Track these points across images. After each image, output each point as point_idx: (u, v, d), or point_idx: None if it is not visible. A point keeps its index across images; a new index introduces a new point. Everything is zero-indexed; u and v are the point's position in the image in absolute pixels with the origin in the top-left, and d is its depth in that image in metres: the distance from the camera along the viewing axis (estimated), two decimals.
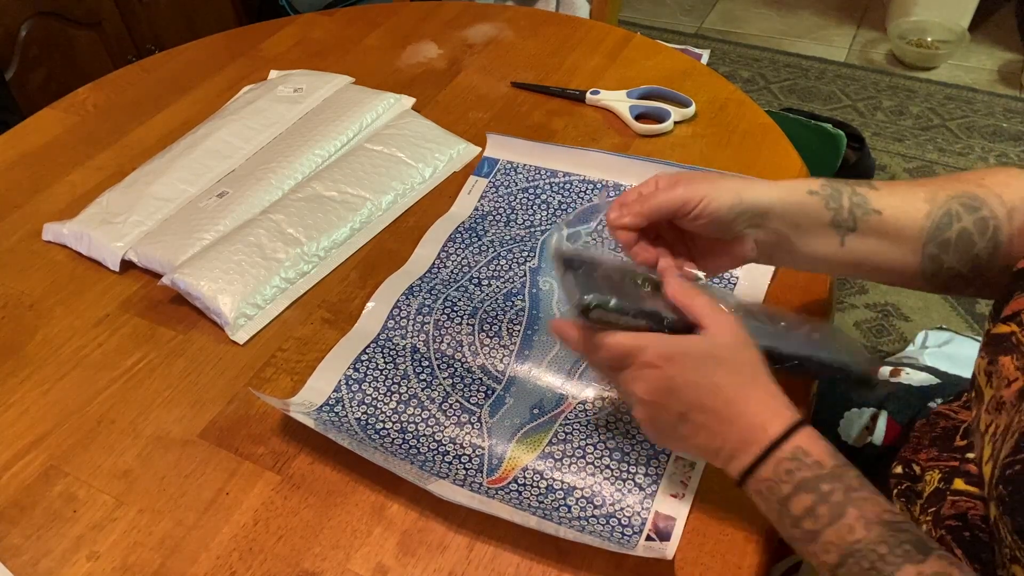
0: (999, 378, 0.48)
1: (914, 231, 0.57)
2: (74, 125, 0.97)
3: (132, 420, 0.65)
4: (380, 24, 1.13)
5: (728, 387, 0.49)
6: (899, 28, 2.32)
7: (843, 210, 0.57)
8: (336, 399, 0.65)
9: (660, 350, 0.49)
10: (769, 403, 0.49)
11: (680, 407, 0.50)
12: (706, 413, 0.49)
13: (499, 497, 0.57)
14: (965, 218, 0.56)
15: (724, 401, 0.49)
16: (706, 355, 0.49)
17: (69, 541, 0.57)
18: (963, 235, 0.56)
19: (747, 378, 0.50)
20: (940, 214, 0.56)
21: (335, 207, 0.80)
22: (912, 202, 0.57)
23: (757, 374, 0.50)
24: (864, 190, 0.57)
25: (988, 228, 0.56)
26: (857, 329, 1.61)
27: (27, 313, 0.75)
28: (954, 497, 0.56)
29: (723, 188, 0.54)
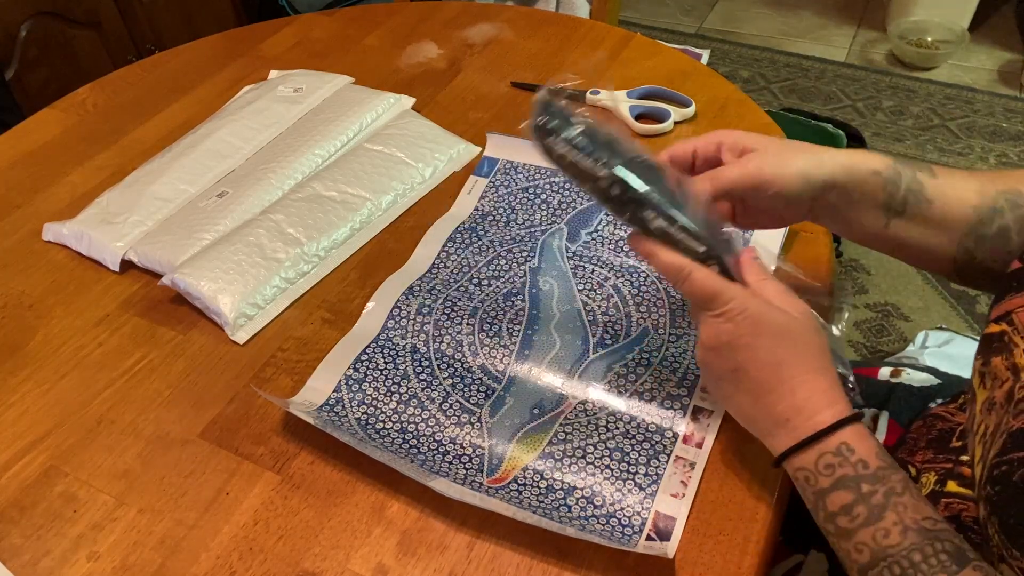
0: (992, 379, 0.49)
1: (958, 222, 0.57)
2: (74, 125, 0.97)
3: (132, 420, 0.65)
4: (380, 24, 1.13)
5: (789, 366, 0.49)
6: (899, 28, 2.32)
7: (898, 195, 0.57)
8: (336, 399, 0.65)
9: (745, 312, 0.49)
10: (825, 393, 0.49)
11: (733, 364, 0.50)
12: (757, 381, 0.50)
13: (499, 496, 0.57)
14: (1008, 214, 0.56)
15: (779, 378, 0.49)
16: (783, 330, 0.49)
17: (69, 541, 0.57)
18: (1001, 231, 0.57)
19: (811, 363, 0.49)
20: (987, 209, 0.57)
21: (335, 207, 0.80)
22: (964, 194, 0.57)
23: (823, 362, 0.50)
24: (924, 176, 0.58)
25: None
26: (857, 329, 1.61)
27: (27, 313, 0.75)
28: (947, 499, 0.56)
29: (792, 171, 0.55)
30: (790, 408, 0.49)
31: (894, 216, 0.58)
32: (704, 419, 0.61)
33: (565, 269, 0.74)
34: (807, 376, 0.49)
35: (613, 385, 0.64)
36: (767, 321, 0.50)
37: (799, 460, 0.49)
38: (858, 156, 0.57)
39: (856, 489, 0.47)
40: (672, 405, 0.62)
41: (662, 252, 0.52)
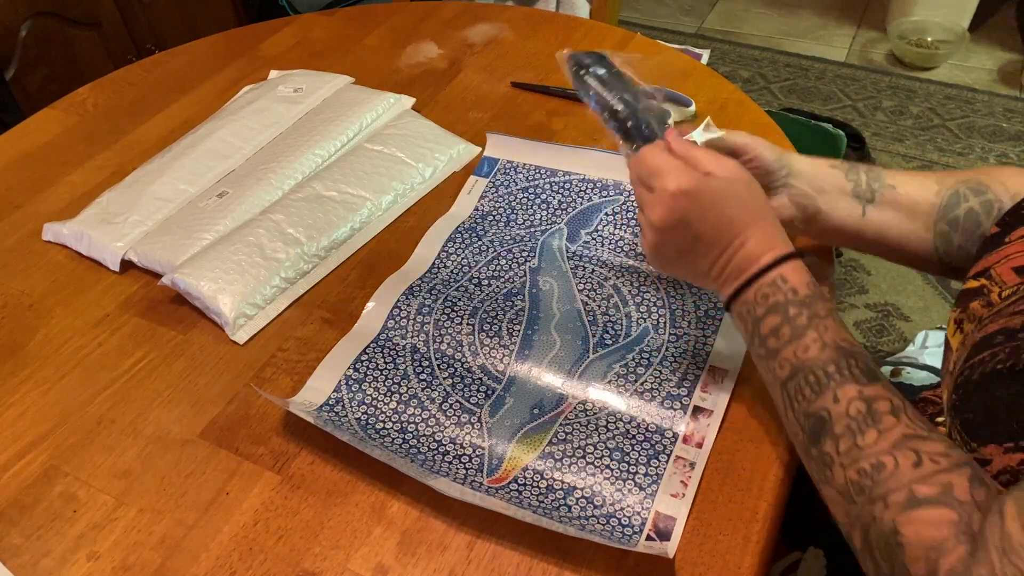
0: (970, 321, 0.50)
1: (926, 207, 0.61)
2: (74, 125, 0.97)
3: (132, 420, 0.65)
4: (380, 24, 1.13)
5: (738, 221, 0.53)
6: (899, 28, 2.32)
7: (861, 182, 0.63)
8: (336, 399, 0.65)
9: (681, 181, 0.53)
10: (769, 237, 0.53)
11: (691, 236, 0.54)
12: (711, 243, 0.54)
13: (500, 496, 0.57)
14: (972, 199, 0.60)
15: (732, 234, 0.53)
16: (722, 192, 0.53)
17: (69, 541, 0.57)
18: (970, 214, 0.60)
19: (756, 214, 0.53)
20: (949, 194, 0.61)
21: (335, 207, 0.80)
22: (923, 182, 0.62)
23: (766, 210, 0.54)
24: (879, 170, 0.63)
25: (993, 210, 0.59)
26: (857, 329, 1.61)
27: (27, 313, 0.75)
28: None
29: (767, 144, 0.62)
30: (744, 257, 0.53)
31: (867, 203, 0.62)
32: (704, 419, 0.61)
33: (565, 269, 0.74)
34: (754, 225, 0.53)
35: (613, 385, 0.64)
36: (713, 187, 0.53)
37: (742, 298, 0.54)
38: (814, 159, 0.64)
39: (784, 312, 0.51)
40: (672, 405, 0.62)
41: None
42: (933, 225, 0.61)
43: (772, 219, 0.54)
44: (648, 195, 0.55)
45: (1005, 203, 0.59)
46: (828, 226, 0.64)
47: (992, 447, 0.45)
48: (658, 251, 0.56)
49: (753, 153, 0.61)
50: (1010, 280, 0.48)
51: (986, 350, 0.45)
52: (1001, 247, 0.50)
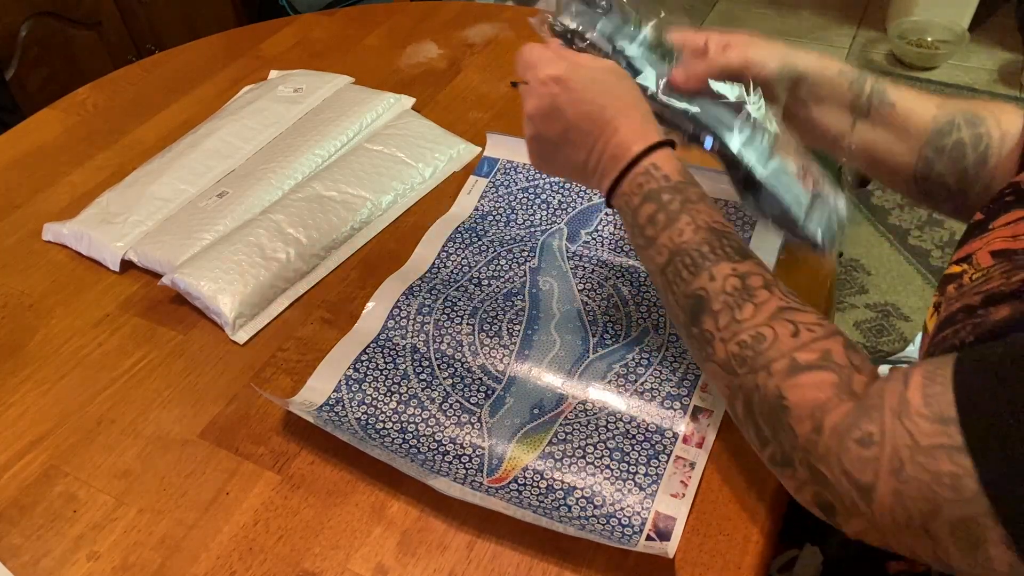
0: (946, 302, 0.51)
1: (918, 130, 0.62)
2: (74, 125, 0.97)
3: (132, 420, 0.65)
4: (380, 24, 1.13)
5: (608, 108, 0.54)
6: (899, 28, 2.32)
7: (863, 96, 0.62)
8: (336, 399, 0.65)
9: (551, 68, 0.55)
10: (641, 127, 0.54)
11: (563, 124, 0.55)
12: (584, 132, 0.55)
13: (500, 496, 0.57)
14: (964, 130, 0.60)
15: (604, 121, 0.54)
16: (591, 79, 0.54)
17: (69, 541, 0.57)
18: (958, 145, 0.60)
19: (627, 103, 0.55)
20: (944, 120, 0.61)
21: (335, 207, 0.80)
22: (924, 104, 0.62)
23: (637, 101, 0.55)
24: (885, 84, 0.63)
25: (981, 144, 0.60)
26: (857, 329, 1.61)
27: (27, 313, 0.75)
28: None
29: (772, 53, 0.61)
30: (618, 146, 0.54)
31: (860, 117, 0.62)
32: (704, 419, 0.61)
33: (565, 269, 0.74)
34: (624, 114, 0.54)
35: (613, 385, 0.64)
36: (582, 75, 0.55)
37: (619, 190, 0.55)
38: (827, 57, 0.63)
39: (658, 199, 0.52)
40: (672, 405, 0.62)
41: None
42: (919, 149, 0.62)
43: (643, 109, 0.55)
44: (524, 88, 0.56)
45: (994, 139, 0.59)
46: (812, 129, 0.64)
47: None
48: (537, 146, 0.58)
49: (754, 71, 0.61)
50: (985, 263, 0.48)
51: (948, 328, 0.46)
52: (985, 233, 0.51)
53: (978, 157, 0.60)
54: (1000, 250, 0.48)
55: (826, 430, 0.43)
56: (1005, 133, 0.59)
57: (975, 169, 0.60)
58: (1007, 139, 0.59)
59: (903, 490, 0.39)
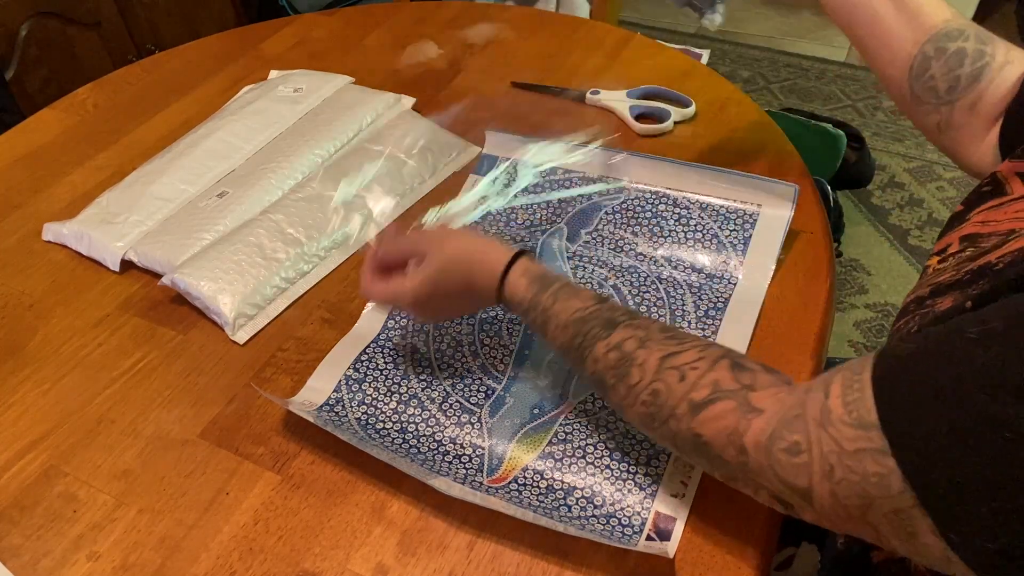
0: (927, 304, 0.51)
1: (927, 23, 0.62)
2: (74, 125, 0.97)
3: (132, 420, 0.65)
4: (380, 24, 1.13)
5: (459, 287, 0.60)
6: None
7: None
8: (336, 399, 0.65)
9: (408, 300, 0.61)
10: (489, 276, 0.59)
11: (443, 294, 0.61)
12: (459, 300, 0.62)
13: (500, 496, 0.57)
14: (971, 42, 0.61)
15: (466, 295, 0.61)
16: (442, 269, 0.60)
17: (69, 541, 0.57)
18: (959, 53, 0.61)
19: (467, 273, 0.60)
20: (955, 27, 0.62)
21: (335, 207, 0.80)
22: (941, 5, 0.63)
23: (472, 263, 0.60)
24: None
25: (981, 60, 0.61)
26: (857, 329, 1.61)
27: (27, 313, 0.75)
28: None
29: None
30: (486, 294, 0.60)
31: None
32: None
33: (565, 269, 0.74)
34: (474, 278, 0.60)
35: None
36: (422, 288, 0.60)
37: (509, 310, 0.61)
38: None
39: (528, 319, 0.58)
40: None
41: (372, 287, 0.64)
42: (922, 43, 0.62)
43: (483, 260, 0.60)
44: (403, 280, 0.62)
45: (996, 62, 0.60)
46: None
47: None
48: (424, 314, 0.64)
49: None
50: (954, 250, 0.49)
51: (902, 318, 0.48)
52: (962, 224, 0.51)
53: (974, 71, 0.61)
54: (968, 234, 0.49)
55: (750, 449, 0.45)
56: (1008, 63, 0.60)
57: (968, 81, 0.61)
58: (1007, 70, 0.59)
59: (837, 491, 0.41)
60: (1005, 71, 0.59)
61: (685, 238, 0.75)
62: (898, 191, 1.92)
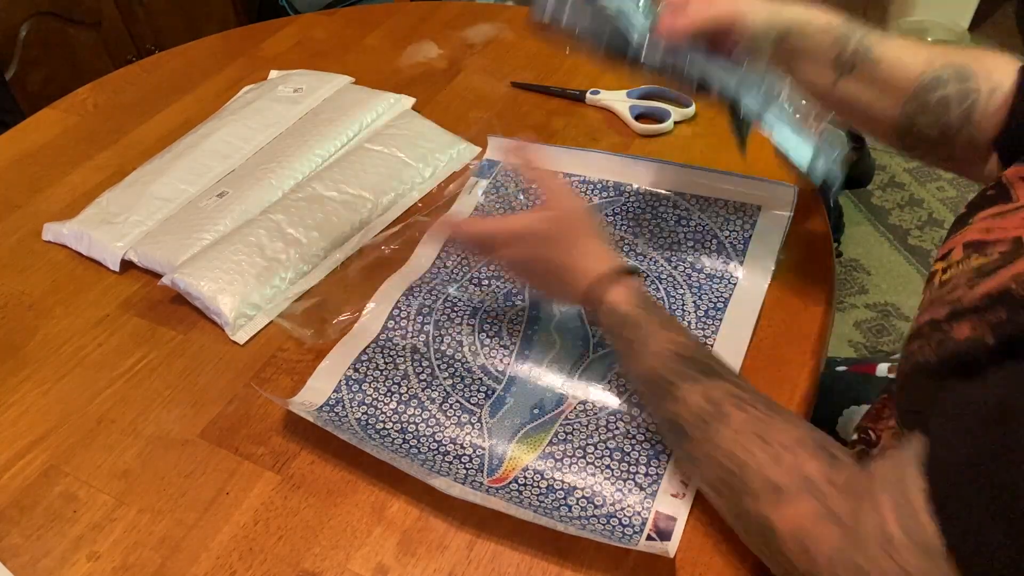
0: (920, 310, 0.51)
1: (903, 85, 0.61)
2: (74, 125, 0.97)
3: (132, 420, 0.65)
4: (380, 24, 1.13)
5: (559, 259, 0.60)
6: (899, 28, 2.32)
7: (847, 52, 0.62)
8: (336, 399, 0.65)
9: (505, 238, 0.61)
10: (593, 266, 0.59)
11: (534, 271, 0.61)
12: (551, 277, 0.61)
13: (500, 496, 0.57)
14: (951, 85, 0.60)
15: (561, 270, 0.60)
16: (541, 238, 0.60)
17: (69, 541, 0.57)
18: (942, 101, 0.60)
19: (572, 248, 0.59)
20: (931, 76, 0.60)
21: (335, 207, 0.80)
22: (911, 59, 0.61)
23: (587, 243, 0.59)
24: (874, 38, 0.62)
25: (967, 100, 0.60)
26: (857, 329, 1.61)
27: (27, 313, 0.75)
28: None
29: (759, 6, 0.62)
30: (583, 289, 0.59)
31: (844, 73, 0.62)
32: None
33: None
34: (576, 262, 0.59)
35: (613, 385, 0.64)
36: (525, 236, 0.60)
37: (598, 319, 0.60)
38: (814, 10, 0.63)
39: (621, 336, 0.57)
40: None
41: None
42: (902, 104, 0.61)
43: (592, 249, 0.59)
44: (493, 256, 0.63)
45: (982, 94, 0.59)
46: (793, 82, 0.64)
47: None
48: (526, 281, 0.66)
49: (740, 24, 0.62)
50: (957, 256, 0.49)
51: (916, 340, 0.46)
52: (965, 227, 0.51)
53: (963, 112, 0.60)
54: (972, 241, 0.48)
55: (820, 561, 0.43)
56: (995, 87, 0.59)
57: (959, 123, 0.60)
58: (996, 94, 0.59)
59: None
60: (994, 97, 0.59)
61: (685, 238, 0.75)
62: (898, 191, 1.92)
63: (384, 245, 0.78)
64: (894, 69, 0.61)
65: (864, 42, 0.62)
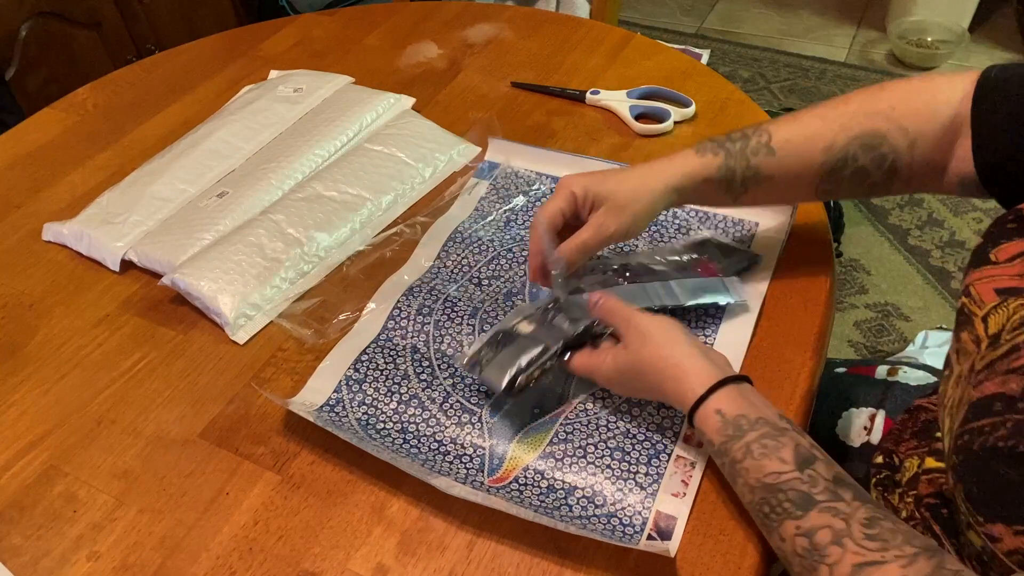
0: (963, 354, 0.50)
1: (806, 179, 0.63)
2: (74, 125, 0.97)
3: (132, 420, 0.65)
4: (380, 24, 1.13)
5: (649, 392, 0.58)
6: (899, 28, 2.32)
7: (735, 182, 0.64)
8: (336, 399, 0.65)
9: (607, 374, 0.59)
10: (678, 399, 0.56)
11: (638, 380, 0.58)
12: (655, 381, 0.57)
13: (501, 496, 0.57)
14: (862, 158, 0.60)
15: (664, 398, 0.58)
16: (633, 368, 0.57)
17: (69, 541, 0.57)
18: (858, 172, 0.61)
19: (658, 384, 0.57)
20: (836, 159, 0.61)
21: (335, 207, 0.80)
22: (808, 157, 0.62)
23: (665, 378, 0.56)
24: (760, 160, 0.63)
25: (885, 162, 0.60)
26: (857, 329, 1.61)
27: (27, 313, 0.75)
28: (927, 476, 0.57)
29: (643, 206, 0.63)
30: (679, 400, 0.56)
31: (740, 194, 0.65)
32: None
33: None
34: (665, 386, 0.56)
35: None
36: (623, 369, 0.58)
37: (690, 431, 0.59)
38: (690, 166, 0.64)
39: (720, 464, 0.54)
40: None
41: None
42: (815, 186, 0.63)
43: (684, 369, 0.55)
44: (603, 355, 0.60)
45: (902, 152, 0.59)
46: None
47: (1001, 526, 0.43)
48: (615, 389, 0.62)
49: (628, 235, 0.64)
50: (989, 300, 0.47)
51: (985, 417, 0.43)
52: (985, 265, 0.49)
53: (884, 173, 0.60)
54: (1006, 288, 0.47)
55: None
56: (916, 139, 0.58)
57: (884, 181, 0.61)
58: (919, 143, 0.58)
59: None
60: (917, 146, 0.58)
61: (685, 240, 0.75)
62: None
63: (384, 245, 0.79)
64: (791, 174, 0.62)
65: (748, 173, 0.63)
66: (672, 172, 0.64)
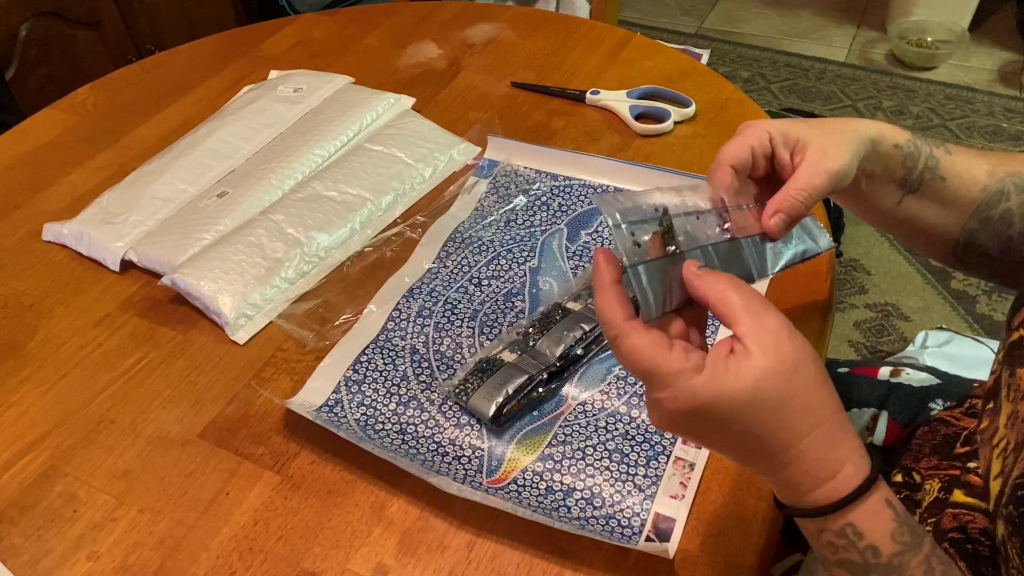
0: (1016, 391, 0.47)
1: (966, 202, 0.58)
2: (74, 125, 0.97)
3: (132, 420, 0.65)
4: (380, 24, 1.13)
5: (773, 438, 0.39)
6: (899, 28, 2.32)
7: (915, 171, 0.57)
8: (335, 400, 0.65)
9: (682, 394, 0.38)
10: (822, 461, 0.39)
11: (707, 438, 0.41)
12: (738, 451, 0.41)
13: (500, 496, 0.57)
14: (1013, 198, 0.57)
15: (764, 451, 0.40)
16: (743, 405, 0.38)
17: (69, 541, 0.57)
18: (1005, 214, 0.57)
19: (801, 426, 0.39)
20: (994, 190, 0.57)
21: (335, 207, 0.80)
22: (976, 174, 0.58)
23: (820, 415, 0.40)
24: (940, 153, 0.58)
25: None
26: (857, 329, 1.61)
27: (27, 313, 0.75)
28: (954, 510, 0.56)
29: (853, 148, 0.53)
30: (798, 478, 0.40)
31: (908, 193, 0.58)
32: None
33: (565, 269, 0.74)
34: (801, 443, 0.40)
35: (612, 387, 0.64)
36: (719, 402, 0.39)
37: (805, 525, 0.42)
38: (884, 128, 0.56)
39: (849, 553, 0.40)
40: None
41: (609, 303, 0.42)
42: (965, 220, 0.58)
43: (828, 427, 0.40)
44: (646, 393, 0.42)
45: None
46: (855, 202, 0.59)
47: None
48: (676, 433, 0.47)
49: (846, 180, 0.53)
50: None
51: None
52: None
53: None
54: None
55: None
56: None
57: (1021, 237, 0.57)
58: None
59: None
60: None
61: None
62: None
63: (384, 245, 0.79)
64: (960, 186, 0.57)
65: (930, 161, 0.57)
66: (864, 123, 0.55)
